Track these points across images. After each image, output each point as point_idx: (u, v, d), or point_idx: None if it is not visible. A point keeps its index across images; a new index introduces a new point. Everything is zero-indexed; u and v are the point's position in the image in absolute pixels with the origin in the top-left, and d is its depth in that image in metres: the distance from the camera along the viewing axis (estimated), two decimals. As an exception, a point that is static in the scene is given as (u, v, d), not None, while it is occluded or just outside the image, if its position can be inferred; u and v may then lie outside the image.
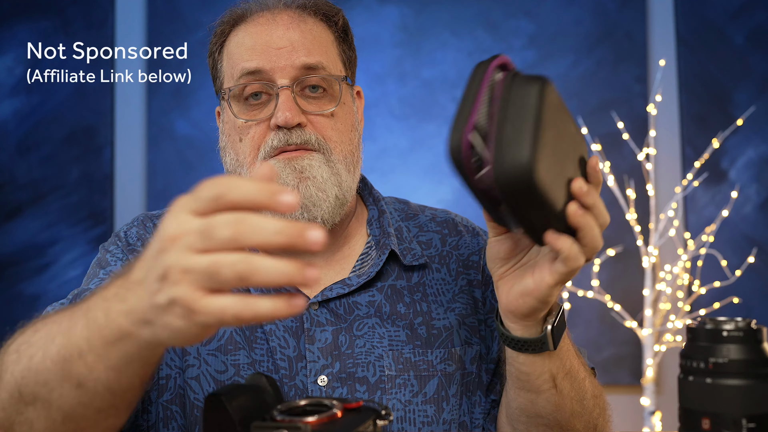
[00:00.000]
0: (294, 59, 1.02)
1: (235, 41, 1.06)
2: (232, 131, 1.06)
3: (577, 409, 0.95)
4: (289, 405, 0.67)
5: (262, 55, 1.02)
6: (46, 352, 0.70)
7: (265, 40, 1.03)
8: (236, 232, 0.55)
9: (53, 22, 2.66)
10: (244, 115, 1.03)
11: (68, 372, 0.68)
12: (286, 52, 1.02)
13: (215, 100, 1.14)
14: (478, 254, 1.13)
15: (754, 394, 0.65)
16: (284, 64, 1.01)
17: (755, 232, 2.52)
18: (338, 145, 1.04)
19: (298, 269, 0.56)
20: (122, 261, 1.04)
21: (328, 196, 1.01)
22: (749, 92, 2.55)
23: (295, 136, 1.01)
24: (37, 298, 2.61)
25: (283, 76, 1.01)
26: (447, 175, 2.62)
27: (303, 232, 0.55)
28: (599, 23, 2.62)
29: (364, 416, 0.66)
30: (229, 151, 1.08)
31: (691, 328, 0.69)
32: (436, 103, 2.64)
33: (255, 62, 1.02)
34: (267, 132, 1.02)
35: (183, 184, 2.62)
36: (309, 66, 1.02)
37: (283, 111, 0.99)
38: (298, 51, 1.02)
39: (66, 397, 0.69)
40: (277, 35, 1.03)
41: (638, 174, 2.53)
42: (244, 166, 1.04)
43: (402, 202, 1.22)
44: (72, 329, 0.68)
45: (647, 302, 2.40)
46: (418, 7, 2.65)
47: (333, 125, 1.04)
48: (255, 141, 1.03)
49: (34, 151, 2.64)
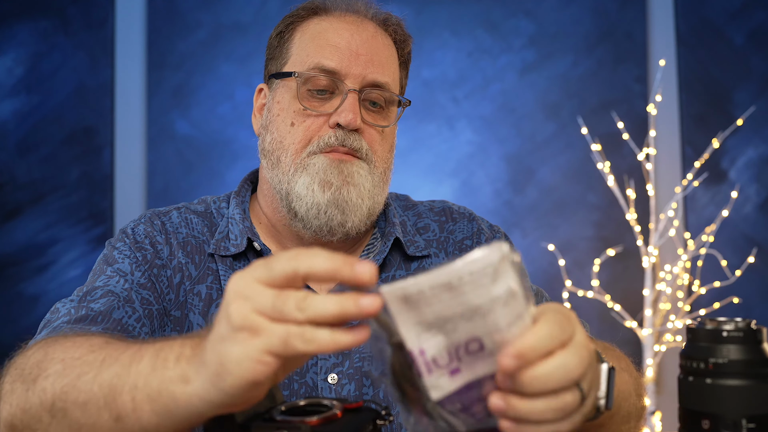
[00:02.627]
0: (368, 71, 1.06)
1: (318, 29, 1.09)
2: (285, 113, 1.07)
3: (624, 428, 0.89)
4: (289, 405, 0.67)
5: (343, 58, 1.05)
6: (98, 376, 0.69)
7: (349, 42, 1.06)
8: (305, 307, 0.57)
9: (53, 22, 2.66)
10: (307, 103, 1.05)
11: (111, 402, 0.67)
12: (364, 61, 1.06)
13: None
14: (471, 239, 1.15)
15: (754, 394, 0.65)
16: (359, 72, 1.05)
17: (755, 232, 2.52)
18: (381, 161, 1.08)
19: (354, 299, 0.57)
20: (130, 259, 1.04)
21: (363, 205, 1.04)
22: (749, 92, 2.55)
23: (351, 139, 1.04)
24: (37, 298, 2.61)
25: (354, 82, 1.05)
26: (447, 174, 2.63)
27: (357, 300, 0.56)
28: (599, 23, 2.62)
29: (363, 416, 0.66)
30: (272, 130, 1.08)
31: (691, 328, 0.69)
32: (436, 103, 2.64)
33: (335, 62, 1.05)
34: (323, 127, 1.05)
35: (183, 184, 2.62)
36: (378, 83, 1.06)
37: (348, 111, 1.03)
38: (374, 65, 1.06)
39: (99, 427, 0.68)
40: (360, 41, 1.07)
41: (638, 174, 2.53)
42: (288, 152, 1.05)
43: (402, 198, 1.25)
44: (135, 363, 0.67)
45: (647, 302, 2.40)
46: (418, 7, 2.65)
47: (381, 141, 1.08)
48: (309, 131, 1.05)
49: (34, 151, 2.64)
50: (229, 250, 1.07)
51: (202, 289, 1.05)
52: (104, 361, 0.70)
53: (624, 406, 0.86)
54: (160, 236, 1.07)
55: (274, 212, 1.11)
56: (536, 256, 2.55)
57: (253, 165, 1.21)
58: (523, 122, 2.61)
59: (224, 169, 2.63)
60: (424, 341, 0.59)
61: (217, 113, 2.63)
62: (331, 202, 1.02)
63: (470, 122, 2.62)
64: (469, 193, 2.60)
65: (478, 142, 2.62)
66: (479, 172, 2.61)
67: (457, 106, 2.63)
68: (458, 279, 0.56)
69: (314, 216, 1.03)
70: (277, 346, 0.56)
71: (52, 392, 0.71)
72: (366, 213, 1.05)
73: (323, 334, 0.56)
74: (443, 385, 0.60)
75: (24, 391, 0.74)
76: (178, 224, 1.10)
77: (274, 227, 1.12)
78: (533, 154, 2.60)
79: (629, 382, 0.90)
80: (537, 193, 2.59)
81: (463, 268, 0.56)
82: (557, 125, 2.60)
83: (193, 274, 1.06)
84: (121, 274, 1.02)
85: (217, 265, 1.07)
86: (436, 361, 0.59)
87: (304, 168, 1.04)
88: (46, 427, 0.72)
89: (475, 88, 2.63)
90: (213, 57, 2.65)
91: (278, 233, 1.12)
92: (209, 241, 1.09)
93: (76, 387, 0.70)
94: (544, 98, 2.62)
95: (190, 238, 1.09)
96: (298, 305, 0.56)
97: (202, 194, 1.25)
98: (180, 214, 1.12)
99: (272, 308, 0.57)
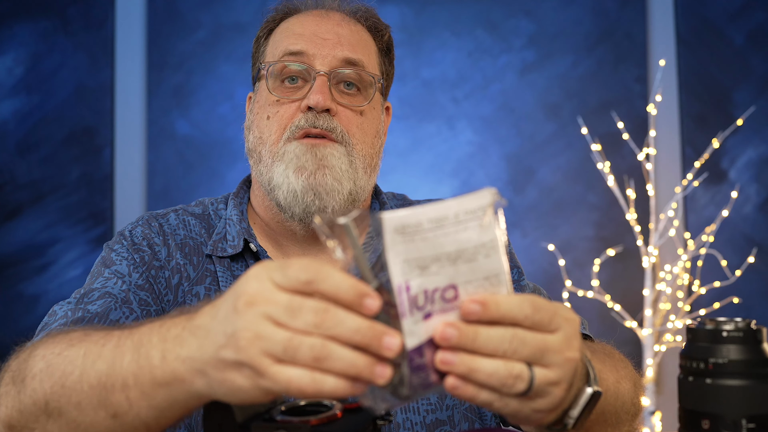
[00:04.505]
0: (337, 51, 1.06)
1: (284, 27, 1.12)
2: (262, 109, 1.09)
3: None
4: (289, 405, 0.67)
5: (308, 41, 1.07)
6: (84, 374, 0.69)
7: (314, 29, 1.08)
8: (321, 321, 0.57)
9: (53, 22, 2.66)
10: (278, 92, 1.07)
11: (106, 401, 0.67)
12: (331, 44, 1.07)
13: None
14: None
15: (754, 394, 0.65)
16: (326, 53, 1.06)
17: (755, 232, 2.52)
18: (360, 144, 1.07)
19: (369, 365, 0.57)
20: (128, 260, 1.04)
21: (342, 188, 1.03)
22: (749, 92, 2.55)
23: (322, 120, 1.04)
24: (37, 298, 2.61)
25: (323, 63, 1.05)
26: (447, 174, 2.63)
27: (380, 338, 0.57)
28: (599, 23, 2.62)
29: (363, 416, 0.66)
30: (253, 129, 1.10)
31: (691, 328, 0.69)
32: (436, 103, 2.64)
33: (300, 45, 1.07)
34: (296, 113, 1.05)
35: (183, 184, 2.62)
36: (349, 60, 1.07)
37: (316, 93, 1.03)
38: (343, 45, 1.07)
39: (97, 424, 0.69)
40: (325, 28, 1.08)
41: (638, 174, 2.53)
42: (267, 145, 1.06)
43: (399, 197, 1.25)
44: (117, 359, 0.67)
45: (647, 302, 2.40)
46: (418, 7, 2.65)
47: (359, 123, 1.08)
48: (283, 120, 1.06)
49: (34, 151, 2.64)
50: (226, 251, 1.07)
51: (200, 290, 1.05)
52: (86, 356, 0.70)
53: (613, 416, 0.86)
54: (158, 238, 1.08)
55: (266, 210, 1.11)
56: (536, 256, 2.55)
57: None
58: (523, 122, 2.61)
59: (224, 170, 2.63)
60: (410, 277, 0.60)
61: (217, 113, 2.63)
62: (307, 188, 1.02)
63: (470, 122, 2.62)
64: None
65: (478, 142, 2.62)
66: (479, 172, 2.61)
67: (457, 106, 2.63)
68: (454, 215, 0.61)
69: (293, 203, 1.03)
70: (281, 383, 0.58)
71: (43, 392, 0.72)
72: (347, 196, 1.04)
73: (339, 351, 0.57)
74: (418, 332, 0.60)
75: (16, 393, 0.75)
76: (176, 226, 1.10)
77: (268, 226, 1.12)
78: (533, 154, 2.60)
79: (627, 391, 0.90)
80: (537, 193, 2.59)
81: (459, 206, 0.61)
82: (557, 125, 2.60)
83: (192, 276, 1.06)
84: (118, 276, 1.02)
85: (215, 266, 1.07)
86: (416, 300, 0.60)
87: (281, 157, 1.04)
88: (44, 426, 0.72)
89: (475, 88, 2.63)
90: (213, 57, 2.65)
91: (273, 232, 1.12)
92: (207, 242, 1.09)
93: (66, 387, 0.70)
94: (544, 98, 2.62)
95: (188, 239, 1.09)
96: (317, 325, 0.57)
97: (202, 194, 1.25)
98: (178, 216, 1.13)
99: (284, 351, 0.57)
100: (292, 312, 0.57)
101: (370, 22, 1.15)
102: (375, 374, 0.57)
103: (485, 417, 1.08)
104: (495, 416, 1.09)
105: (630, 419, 0.93)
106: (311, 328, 0.57)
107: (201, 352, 0.61)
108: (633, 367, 0.97)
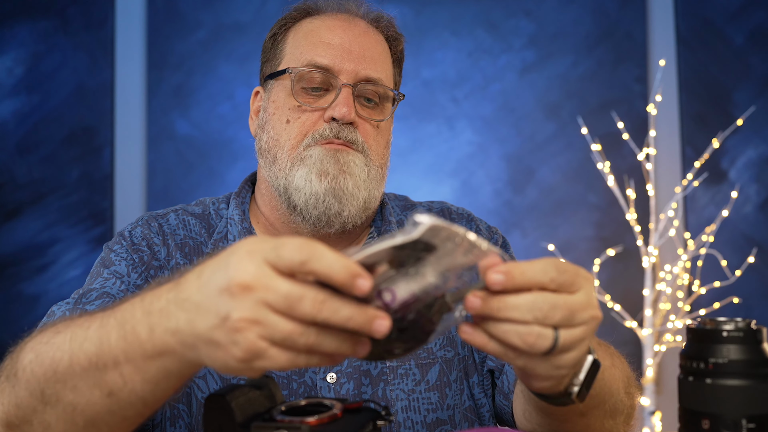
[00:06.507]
0: (361, 66, 1.07)
1: (310, 27, 1.11)
2: (280, 111, 1.09)
3: (608, 423, 0.90)
4: (289, 405, 0.67)
5: (336, 54, 1.07)
6: (74, 357, 0.69)
7: (341, 39, 1.08)
8: (318, 311, 0.58)
9: (53, 22, 2.66)
10: (302, 99, 1.07)
11: (100, 380, 0.68)
12: (356, 57, 1.08)
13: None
14: None
15: (754, 394, 0.65)
16: (352, 68, 1.07)
17: (755, 232, 2.52)
18: (376, 156, 1.09)
19: (352, 346, 0.62)
20: (127, 261, 1.05)
21: (360, 195, 1.05)
22: (749, 92, 2.55)
23: (346, 131, 1.05)
24: (37, 298, 2.61)
25: (348, 77, 1.07)
26: (447, 174, 2.63)
27: (371, 322, 0.59)
28: (599, 23, 2.62)
29: (363, 416, 0.66)
30: (269, 129, 1.10)
31: (691, 328, 0.69)
32: (436, 103, 2.64)
33: (328, 59, 1.07)
34: (318, 122, 1.06)
35: (183, 184, 2.62)
36: (371, 79, 1.08)
37: (342, 105, 1.04)
38: (367, 60, 1.08)
39: (94, 404, 0.69)
40: (352, 38, 1.09)
41: (638, 174, 2.53)
42: (284, 149, 1.07)
43: (401, 198, 1.26)
44: (104, 338, 0.68)
45: (647, 302, 2.40)
46: (418, 7, 2.65)
47: (375, 136, 1.10)
48: (304, 127, 1.07)
49: (34, 151, 2.64)
50: None
51: None
52: (72, 340, 0.71)
53: (609, 402, 0.87)
54: (158, 238, 1.08)
55: (273, 210, 1.11)
56: (536, 256, 2.54)
57: (253, 165, 1.22)
58: (523, 122, 2.61)
59: (224, 169, 2.63)
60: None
61: (217, 113, 2.63)
62: (329, 191, 1.03)
63: (470, 122, 2.62)
64: (469, 193, 2.60)
65: (478, 142, 2.62)
66: (479, 172, 2.61)
67: (457, 106, 2.63)
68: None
69: (313, 206, 1.04)
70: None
71: (36, 381, 0.72)
72: (362, 204, 1.06)
73: (331, 342, 0.60)
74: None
75: (11, 388, 0.75)
76: (175, 226, 1.11)
77: (272, 226, 1.13)
78: (533, 154, 2.60)
79: (619, 378, 0.90)
80: (537, 193, 2.59)
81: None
82: (557, 125, 2.60)
83: None
84: (117, 276, 1.02)
85: None
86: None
87: (301, 161, 1.05)
88: (41, 416, 0.73)
89: (475, 88, 2.63)
90: (213, 57, 2.65)
91: (277, 232, 1.12)
92: (207, 242, 1.10)
93: (58, 372, 0.71)
94: (544, 98, 2.62)
95: (188, 239, 1.09)
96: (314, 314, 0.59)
97: (202, 194, 1.25)
98: (177, 216, 1.13)
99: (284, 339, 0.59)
100: (292, 302, 0.58)
101: (390, 32, 1.16)
102: (357, 353, 0.62)
103: (484, 418, 1.08)
104: (494, 416, 1.09)
105: (624, 419, 0.92)
106: (308, 318, 0.58)
107: (191, 327, 0.61)
108: (627, 364, 0.98)
